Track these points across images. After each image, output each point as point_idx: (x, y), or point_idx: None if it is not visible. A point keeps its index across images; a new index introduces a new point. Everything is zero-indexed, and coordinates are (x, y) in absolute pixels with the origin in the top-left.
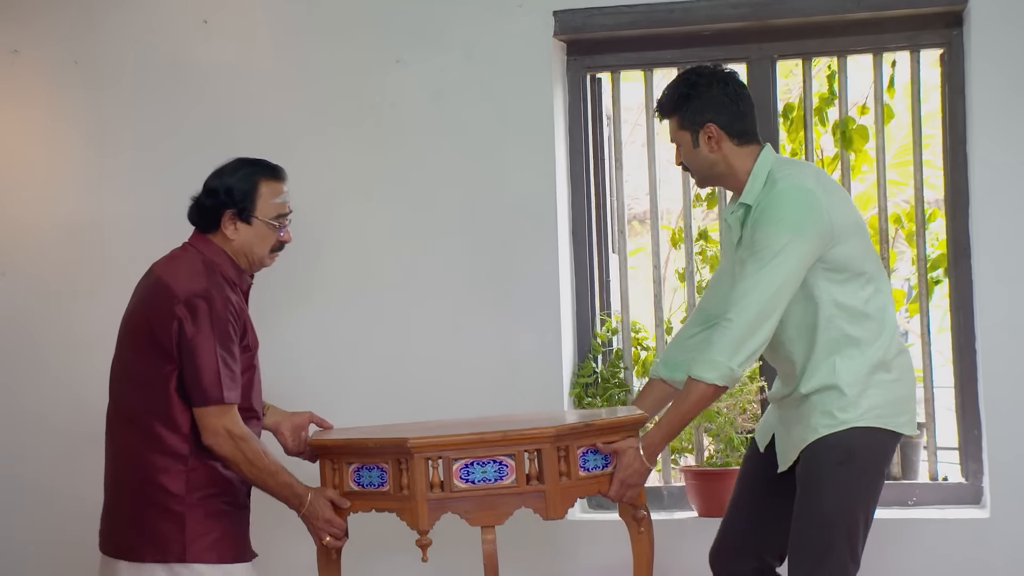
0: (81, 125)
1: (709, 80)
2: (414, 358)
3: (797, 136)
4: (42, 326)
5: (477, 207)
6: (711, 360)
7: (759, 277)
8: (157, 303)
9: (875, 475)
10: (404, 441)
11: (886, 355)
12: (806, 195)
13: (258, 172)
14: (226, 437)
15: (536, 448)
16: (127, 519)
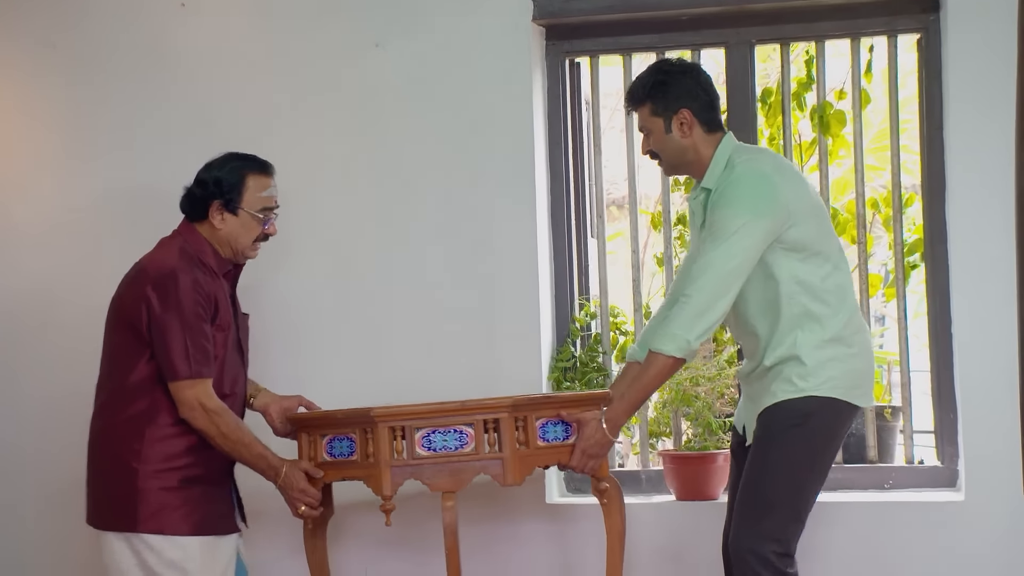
0: (58, 111)
1: (681, 69)
2: (393, 343)
3: (775, 121)
4: (20, 314)
5: (455, 192)
6: (670, 333)
7: (715, 255)
8: (131, 286)
9: (827, 442)
10: (368, 411)
11: (845, 330)
12: (762, 179)
13: (246, 166)
14: (200, 410)
15: (494, 417)
16: (93, 489)
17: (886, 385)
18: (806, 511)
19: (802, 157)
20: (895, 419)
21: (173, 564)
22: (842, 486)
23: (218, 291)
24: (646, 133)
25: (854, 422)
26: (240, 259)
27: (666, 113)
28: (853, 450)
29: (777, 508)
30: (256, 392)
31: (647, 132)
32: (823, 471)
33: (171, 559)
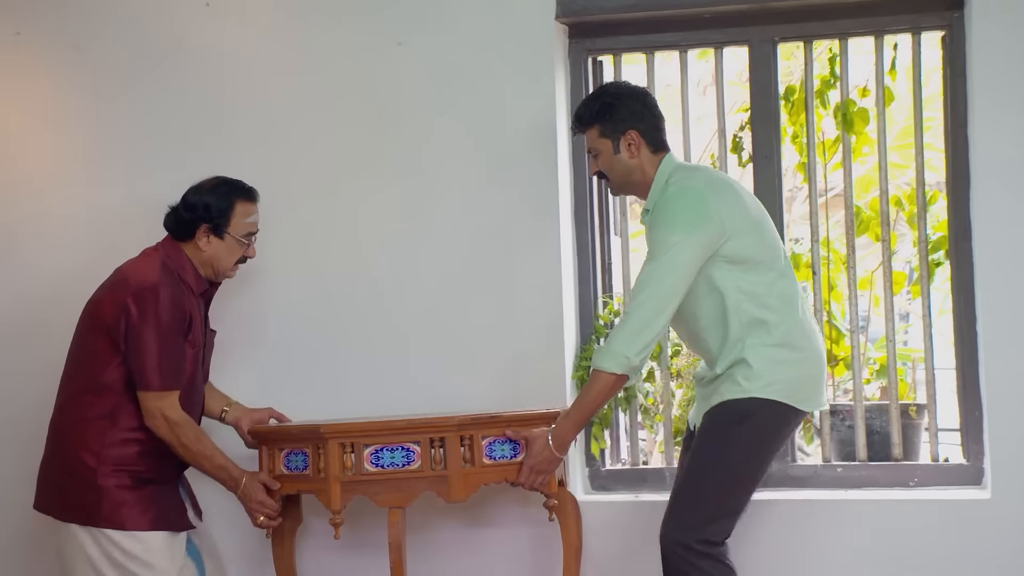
0: (83, 109)
1: (629, 92)
2: (413, 342)
3: (798, 119)
4: (48, 308)
5: (478, 190)
6: (611, 351)
7: (651, 273)
8: (112, 293)
9: (766, 443)
10: (318, 428)
11: (790, 336)
12: (693, 196)
13: (235, 193)
14: (162, 420)
15: (440, 436)
16: (49, 481)
17: (911, 383)
18: (737, 506)
19: (825, 155)
20: (920, 417)
21: (136, 557)
22: (867, 484)
23: (193, 309)
24: (594, 154)
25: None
26: (219, 278)
27: (614, 135)
28: (878, 448)
29: (705, 502)
30: (228, 406)
31: (595, 153)
32: (758, 469)
33: (134, 553)
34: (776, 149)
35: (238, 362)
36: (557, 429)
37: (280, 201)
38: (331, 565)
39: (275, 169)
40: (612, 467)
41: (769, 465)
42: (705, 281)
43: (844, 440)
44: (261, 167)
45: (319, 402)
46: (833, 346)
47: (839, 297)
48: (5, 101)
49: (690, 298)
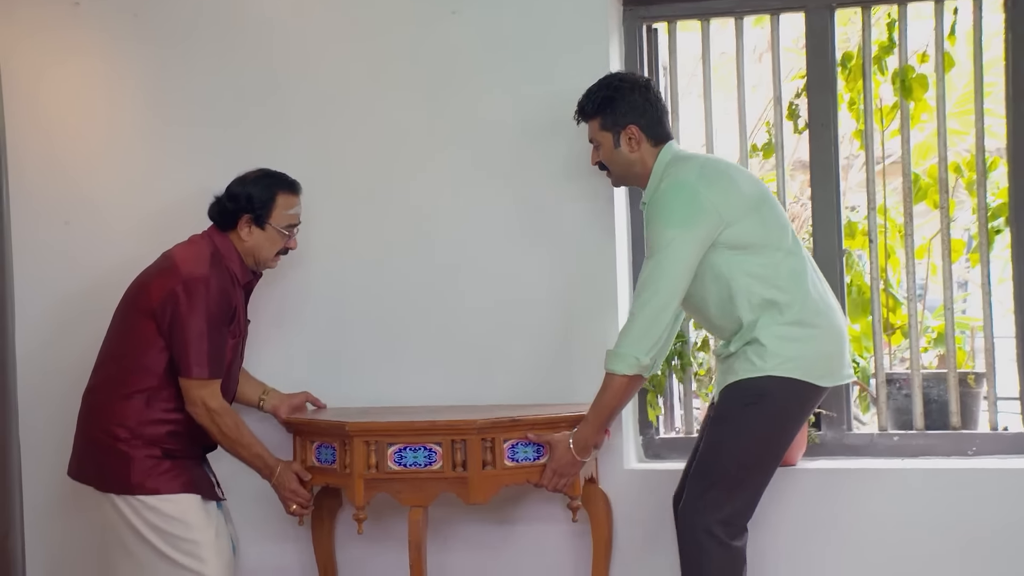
0: (139, 78)
1: (631, 86)
2: (466, 304)
3: (855, 85)
4: (104, 273)
5: (531, 161)
6: (620, 354)
7: (652, 271)
8: (163, 277)
9: (783, 422)
10: (344, 425)
11: (804, 313)
12: (686, 190)
13: (277, 184)
14: (203, 408)
15: (462, 438)
16: (84, 453)
17: (969, 351)
18: (757, 486)
19: (883, 122)
20: (979, 385)
21: (173, 518)
22: (924, 452)
23: (238, 300)
24: (595, 145)
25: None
26: (260, 268)
27: (614, 128)
28: (935, 416)
29: (723, 483)
30: (265, 393)
31: (596, 145)
32: (777, 449)
33: (170, 514)
34: (833, 116)
35: (279, 344)
36: (578, 433)
37: (333, 172)
38: (358, 554)
39: (329, 141)
40: (666, 435)
41: (788, 445)
42: (710, 269)
43: (901, 409)
44: (313, 139)
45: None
46: (890, 314)
47: (896, 265)
48: (65, 69)
49: (697, 287)
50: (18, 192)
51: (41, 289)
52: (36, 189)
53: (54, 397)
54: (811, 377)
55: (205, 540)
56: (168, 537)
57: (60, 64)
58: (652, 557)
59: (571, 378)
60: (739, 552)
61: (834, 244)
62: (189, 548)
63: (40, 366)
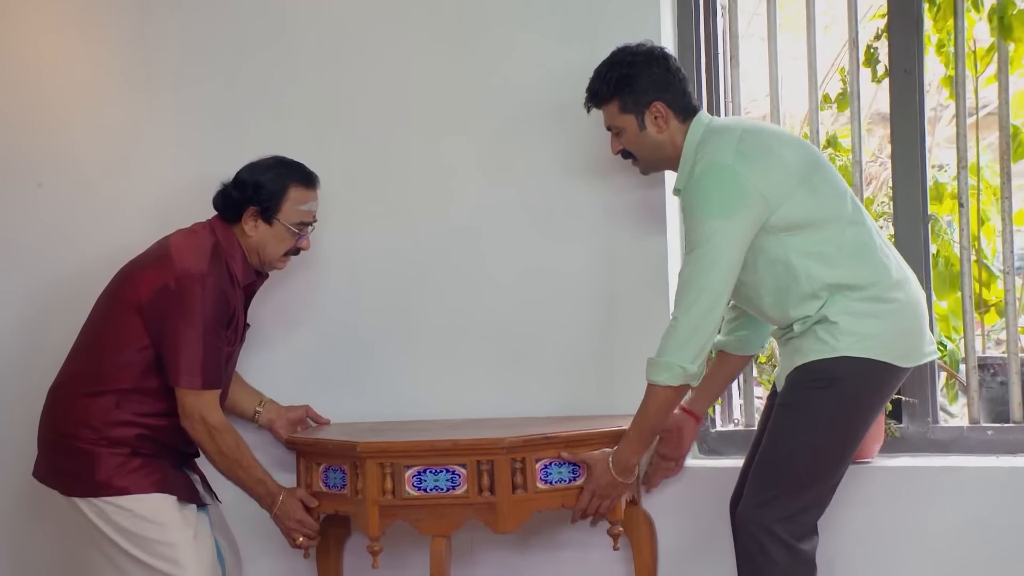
0: (124, 26)
1: (647, 58)
2: (497, 286)
3: (945, 24)
4: (85, 247)
5: (568, 113)
6: (662, 363)
7: (693, 269)
8: (155, 269)
9: (859, 409)
10: (355, 446)
11: (878, 288)
12: (724, 174)
13: (291, 176)
14: (200, 423)
15: (489, 458)
16: (51, 454)
17: None
18: (827, 483)
19: (977, 66)
20: None
21: (146, 519)
22: (982, 450)
23: (237, 303)
24: (616, 132)
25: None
26: (266, 268)
27: (637, 108)
28: (993, 407)
29: (789, 478)
30: (261, 405)
31: (617, 132)
32: (851, 440)
33: (142, 514)
34: (918, 61)
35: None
36: (618, 453)
37: (345, 124)
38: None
39: (338, 86)
40: (723, 428)
41: (863, 436)
42: (762, 255)
43: (995, 399)
44: (322, 82)
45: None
46: (983, 289)
47: (991, 233)
48: (41, 18)
49: (748, 276)
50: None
51: (8, 265)
52: (3, 146)
53: (22, 391)
54: (890, 357)
55: (182, 542)
56: (141, 541)
57: (34, 11)
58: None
59: (612, 387)
60: (807, 557)
61: (918, 209)
62: (164, 551)
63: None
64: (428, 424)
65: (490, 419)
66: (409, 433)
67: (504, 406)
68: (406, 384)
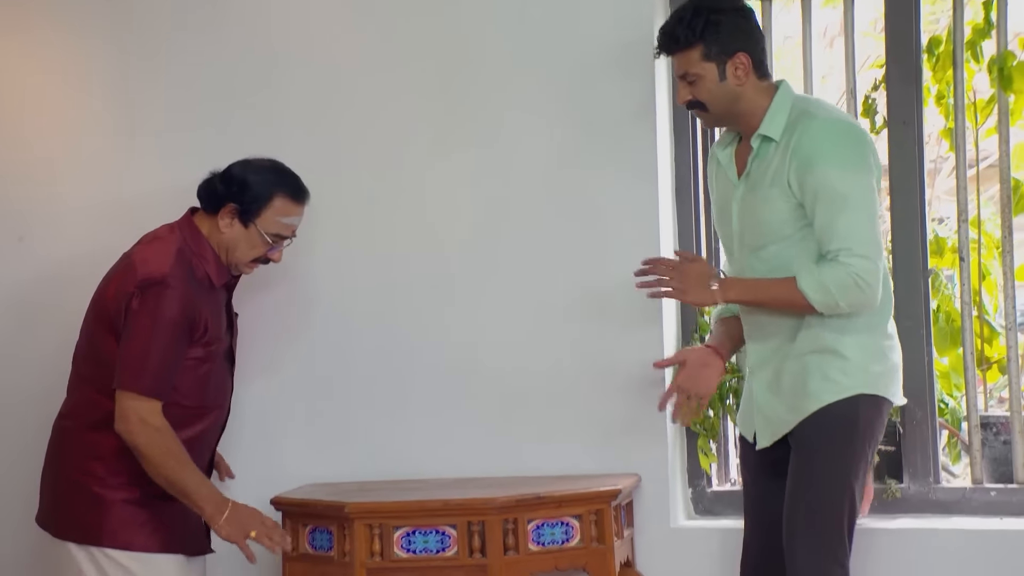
0: (110, 71)
1: (733, 6)
2: (490, 338)
3: (944, 75)
4: (62, 293)
5: (562, 158)
6: (824, 287)
7: (854, 218)
8: (118, 282)
9: (872, 446)
10: (342, 506)
11: (889, 326)
12: (855, 131)
13: (280, 184)
14: (139, 424)
15: (480, 519)
16: (51, 493)
17: None
18: (855, 521)
19: (977, 118)
20: None
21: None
22: (985, 511)
23: (208, 306)
24: (691, 81)
25: None
26: (232, 270)
27: (720, 57)
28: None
29: (836, 525)
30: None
31: (694, 79)
32: (865, 478)
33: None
34: (917, 112)
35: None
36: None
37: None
38: None
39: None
40: (719, 488)
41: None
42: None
43: (998, 458)
44: (313, 129)
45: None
46: (985, 346)
47: (993, 288)
48: (24, 64)
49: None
50: None
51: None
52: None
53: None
54: (890, 393)
55: None
56: None
57: (13, 55)
58: None
59: (608, 445)
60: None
61: (918, 263)
62: None
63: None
64: (418, 483)
65: (482, 478)
66: (398, 493)
67: (497, 465)
68: (396, 442)
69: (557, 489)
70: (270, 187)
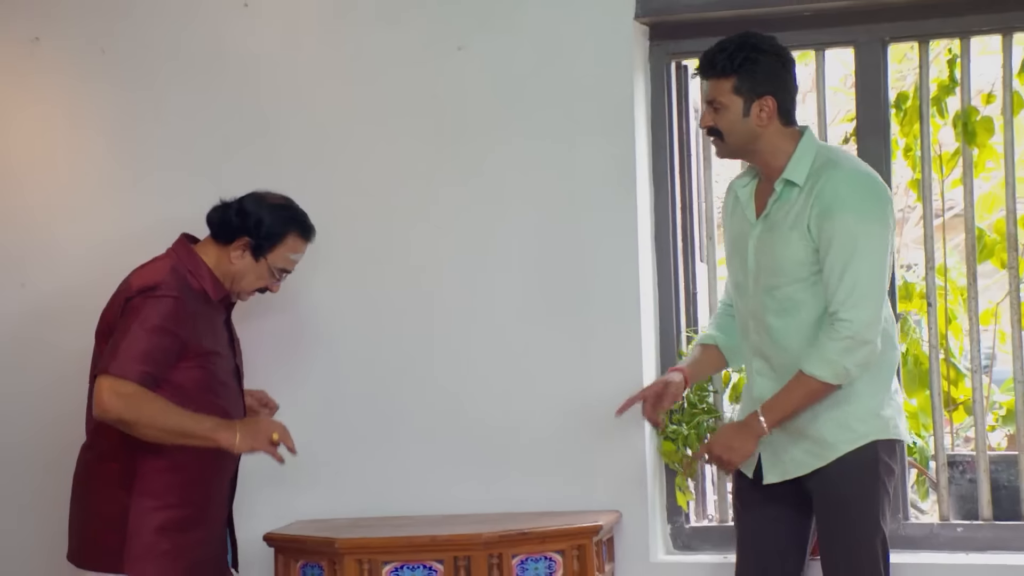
0: (107, 122)
1: (775, 50)
2: (476, 377)
3: (911, 129)
4: (63, 338)
5: (547, 211)
6: (826, 359)
7: (859, 268)
8: (116, 296)
9: (893, 485)
10: (332, 542)
11: (894, 365)
12: (877, 184)
13: (294, 223)
14: (110, 398)
15: (466, 554)
16: (77, 523)
17: None
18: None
19: (943, 170)
20: None
21: None
22: (993, 547)
23: (205, 317)
24: (717, 108)
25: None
26: (234, 297)
27: (750, 95)
28: (1005, 505)
29: (874, 565)
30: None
31: (719, 108)
32: (889, 514)
33: None
34: (886, 164)
35: None
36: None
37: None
38: None
39: (320, 184)
40: (697, 524)
41: None
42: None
43: (965, 496)
44: (304, 181)
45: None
46: (952, 388)
47: (959, 332)
48: (23, 112)
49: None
50: None
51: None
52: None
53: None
54: (901, 434)
55: None
56: None
57: (16, 107)
58: None
59: (590, 482)
60: None
61: None
62: None
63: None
64: (407, 520)
65: (469, 514)
66: (388, 528)
67: (483, 501)
68: (385, 479)
69: (541, 525)
70: (286, 226)
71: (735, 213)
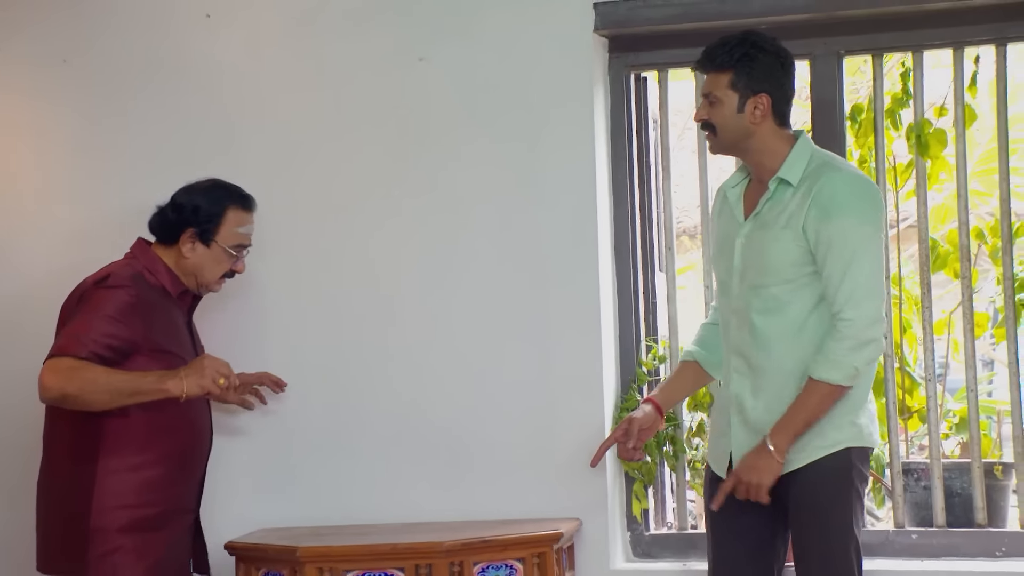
0: (70, 132)
1: (775, 50)
2: (437, 385)
3: (866, 141)
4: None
5: (508, 220)
6: (837, 361)
7: (859, 269)
8: (69, 298)
9: (865, 490)
10: (294, 550)
11: (871, 382)
12: (872, 188)
13: (229, 198)
14: (50, 377)
15: (427, 562)
16: (42, 529)
17: (995, 439)
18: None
19: (897, 181)
20: (1007, 477)
21: None
22: (947, 553)
23: (163, 311)
24: (712, 102)
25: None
26: (203, 291)
27: (745, 91)
28: (959, 512)
29: (849, 570)
30: None
31: (714, 102)
32: (863, 517)
33: None
34: None
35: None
36: (778, 436)
37: (288, 229)
38: None
39: (284, 194)
40: (657, 531)
41: None
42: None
43: (919, 503)
44: (269, 192)
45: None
46: (906, 396)
47: (913, 341)
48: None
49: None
50: None
51: None
52: None
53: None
54: (873, 441)
55: None
56: None
57: None
58: None
59: (551, 490)
60: None
61: None
62: None
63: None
64: (369, 528)
65: (430, 522)
66: (349, 537)
67: (444, 509)
68: (347, 487)
69: (502, 533)
70: (221, 203)
71: (723, 213)
